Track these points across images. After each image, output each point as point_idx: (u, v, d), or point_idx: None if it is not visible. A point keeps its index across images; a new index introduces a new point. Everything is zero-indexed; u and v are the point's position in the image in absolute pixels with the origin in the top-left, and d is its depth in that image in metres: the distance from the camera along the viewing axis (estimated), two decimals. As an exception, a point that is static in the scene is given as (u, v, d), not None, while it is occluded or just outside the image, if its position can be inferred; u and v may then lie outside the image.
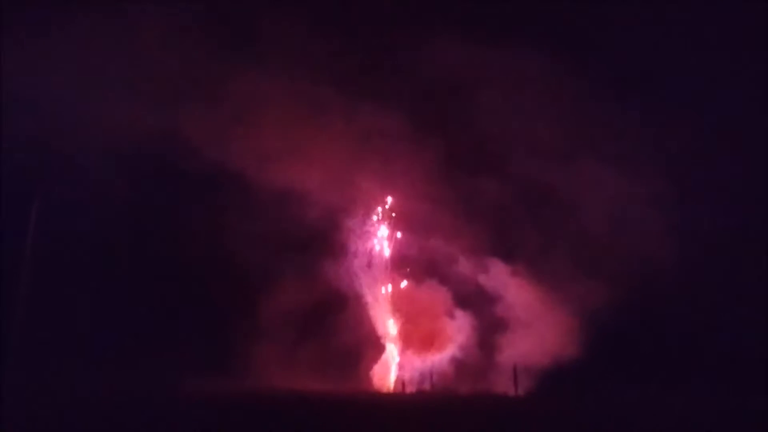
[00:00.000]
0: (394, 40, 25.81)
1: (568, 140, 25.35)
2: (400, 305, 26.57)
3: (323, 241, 25.63)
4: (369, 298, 26.20)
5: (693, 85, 25.29)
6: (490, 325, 25.92)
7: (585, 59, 25.58)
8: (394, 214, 26.67)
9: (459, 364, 26.00)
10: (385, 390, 26.54)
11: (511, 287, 25.76)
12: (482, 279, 26.08)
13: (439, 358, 26.18)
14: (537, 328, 25.28)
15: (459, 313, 26.24)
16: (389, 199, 26.71)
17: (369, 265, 26.24)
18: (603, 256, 24.42)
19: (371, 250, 26.45)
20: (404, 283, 26.74)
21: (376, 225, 26.65)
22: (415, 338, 26.45)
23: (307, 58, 24.97)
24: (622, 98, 25.32)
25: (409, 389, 26.36)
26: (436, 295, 26.43)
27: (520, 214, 25.67)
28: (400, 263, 26.73)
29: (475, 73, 25.60)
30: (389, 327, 26.61)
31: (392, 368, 26.74)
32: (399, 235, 26.74)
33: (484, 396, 25.01)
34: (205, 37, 23.94)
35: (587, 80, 24.86)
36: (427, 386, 26.35)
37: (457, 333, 26.06)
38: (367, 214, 26.48)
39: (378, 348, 26.42)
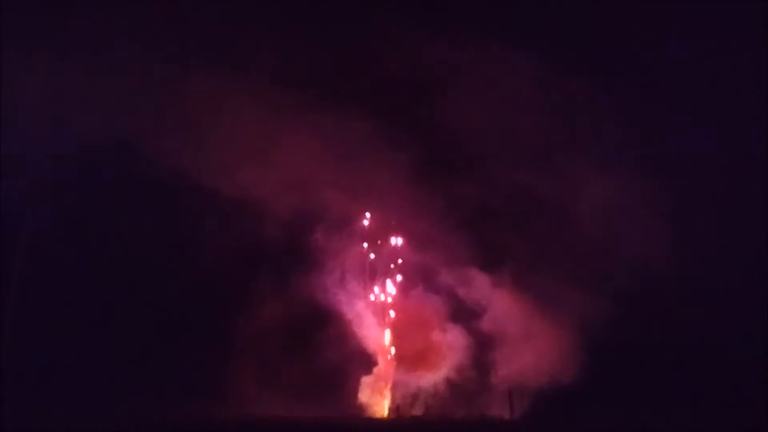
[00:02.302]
0: (362, 37, 24.66)
1: (557, 141, 24.35)
2: (389, 319, 25.42)
3: (295, 256, 24.51)
4: (350, 315, 24.88)
5: (691, 81, 24.13)
6: (480, 341, 24.63)
7: (572, 55, 24.48)
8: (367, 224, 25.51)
9: (452, 385, 24.68)
10: (378, 414, 25.38)
11: (495, 300, 24.44)
12: (462, 292, 24.79)
13: (432, 377, 24.92)
14: (530, 345, 23.97)
15: (450, 327, 24.94)
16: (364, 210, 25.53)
17: (342, 280, 25.07)
18: (599, 264, 23.14)
19: (344, 264, 25.18)
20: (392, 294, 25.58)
21: (350, 237, 25.39)
22: (406, 354, 25.17)
23: (269, 61, 24.04)
24: (615, 96, 24.18)
25: (403, 413, 25.06)
26: (426, 306, 25.19)
27: (505, 221, 24.54)
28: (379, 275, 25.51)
29: (451, 71, 24.65)
30: (380, 343, 25.35)
31: (385, 390, 25.53)
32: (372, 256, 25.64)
33: (479, 420, 23.86)
34: (164, 41, 23.23)
35: (576, 77, 23.88)
36: (420, 409, 25.14)
37: (450, 350, 24.80)
38: (339, 225, 25.12)
39: (364, 367, 25.04)
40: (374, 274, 25.37)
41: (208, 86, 23.33)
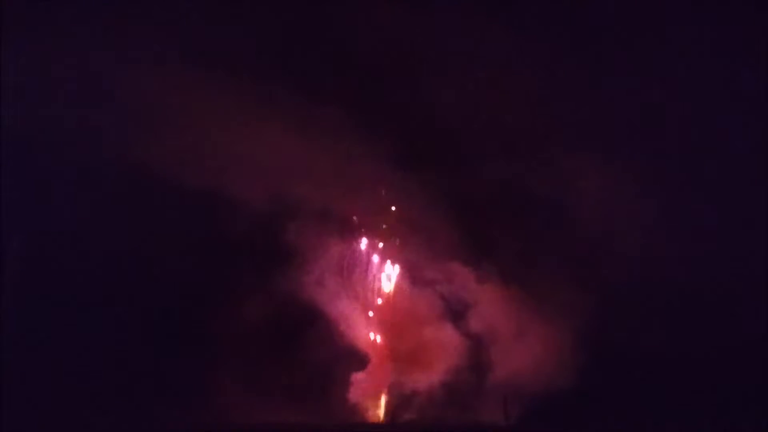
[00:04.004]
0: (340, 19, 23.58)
1: (548, 131, 23.31)
2: (376, 316, 24.76)
3: (275, 254, 23.62)
4: (334, 313, 24.17)
5: (691, 72, 23.03)
6: (473, 341, 23.90)
7: (564, 41, 23.30)
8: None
9: (447, 388, 23.96)
10: (373, 419, 24.83)
11: (482, 297, 23.64)
12: (447, 289, 24.00)
13: (427, 378, 24.23)
14: (523, 346, 23.25)
15: (442, 325, 24.22)
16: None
17: (322, 280, 24.26)
18: (594, 262, 22.43)
19: (326, 260, 24.40)
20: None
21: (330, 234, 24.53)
22: (398, 352, 24.50)
23: (240, 48, 23.15)
24: (609, 86, 23.19)
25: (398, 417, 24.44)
26: (415, 302, 24.48)
27: (493, 213, 23.73)
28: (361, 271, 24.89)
29: (433, 58, 23.55)
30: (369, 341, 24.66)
31: (380, 392, 24.94)
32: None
33: (474, 426, 23.35)
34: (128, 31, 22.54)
35: (568, 65, 22.93)
36: (413, 413, 24.46)
37: (443, 349, 24.08)
38: (318, 222, 24.15)
39: (354, 366, 24.35)
40: (354, 269, 24.75)
41: (178, 77, 22.54)
